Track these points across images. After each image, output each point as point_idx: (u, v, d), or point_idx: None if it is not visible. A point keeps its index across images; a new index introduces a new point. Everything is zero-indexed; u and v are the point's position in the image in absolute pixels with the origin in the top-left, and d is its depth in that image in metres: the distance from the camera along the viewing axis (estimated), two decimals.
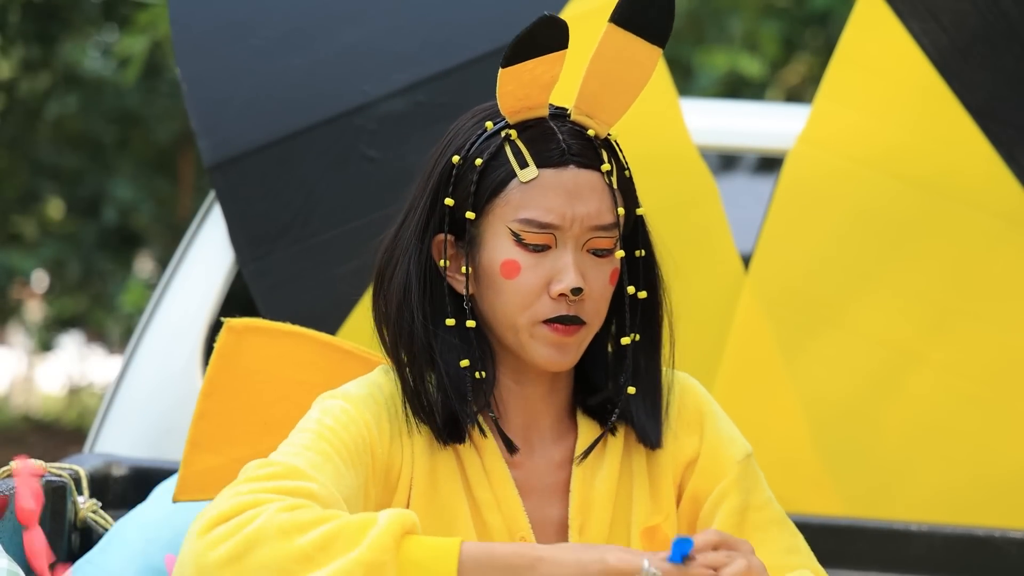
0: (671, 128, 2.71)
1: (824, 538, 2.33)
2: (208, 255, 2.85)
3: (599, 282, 1.74)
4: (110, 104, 8.97)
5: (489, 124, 1.77)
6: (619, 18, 1.74)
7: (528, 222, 1.72)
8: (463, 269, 1.76)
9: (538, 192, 1.72)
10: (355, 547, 1.57)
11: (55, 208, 10.35)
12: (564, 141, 1.74)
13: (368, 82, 2.71)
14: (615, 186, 1.76)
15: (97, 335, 14.10)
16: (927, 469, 2.63)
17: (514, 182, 1.73)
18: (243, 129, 2.73)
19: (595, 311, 1.75)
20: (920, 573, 2.33)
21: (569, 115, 1.77)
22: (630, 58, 1.75)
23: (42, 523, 2.04)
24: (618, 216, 1.75)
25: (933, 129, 2.65)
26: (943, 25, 2.63)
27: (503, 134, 1.75)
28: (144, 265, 11.67)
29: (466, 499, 1.76)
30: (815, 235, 2.70)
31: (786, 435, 2.65)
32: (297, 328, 2.19)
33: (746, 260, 2.72)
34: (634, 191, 1.81)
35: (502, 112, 1.76)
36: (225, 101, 2.74)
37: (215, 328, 2.82)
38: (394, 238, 1.81)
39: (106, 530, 2.15)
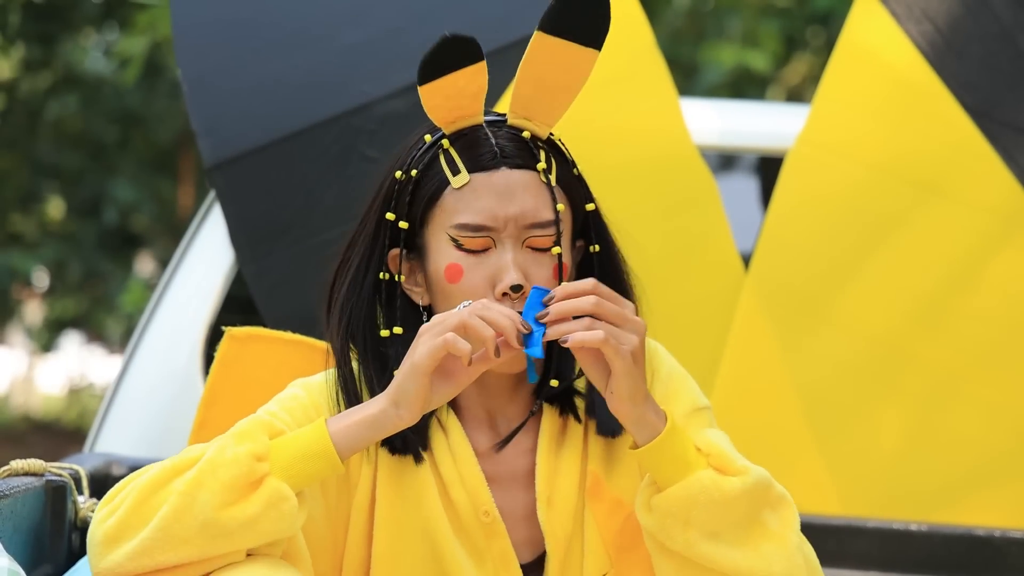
0: (671, 128, 2.71)
1: (824, 538, 2.33)
2: (208, 255, 2.85)
3: (541, 277, 1.77)
4: (110, 104, 8.97)
5: (428, 137, 1.82)
6: (547, 26, 1.77)
7: (463, 227, 1.76)
8: (420, 281, 1.81)
9: (470, 196, 1.77)
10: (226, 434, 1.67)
11: (55, 208, 10.35)
12: (496, 144, 1.79)
13: (368, 82, 2.72)
14: (553, 183, 1.79)
15: (97, 335, 14.10)
16: (927, 469, 2.63)
17: (448, 189, 1.78)
18: (243, 129, 2.73)
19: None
20: (920, 573, 2.33)
21: (506, 120, 1.81)
22: (563, 62, 1.78)
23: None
24: (556, 213, 1.77)
25: (932, 129, 2.65)
26: (938, 27, 2.64)
27: (438, 144, 1.80)
28: (144, 265, 11.67)
29: (433, 477, 1.80)
30: (815, 235, 2.70)
31: (786, 435, 2.65)
32: (298, 336, 2.19)
33: (746, 260, 2.73)
34: (583, 187, 1.84)
35: (437, 124, 1.82)
36: (225, 101, 2.74)
37: (215, 328, 2.82)
38: (343, 257, 1.85)
39: None
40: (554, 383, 1.80)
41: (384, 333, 1.81)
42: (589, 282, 1.68)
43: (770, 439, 2.65)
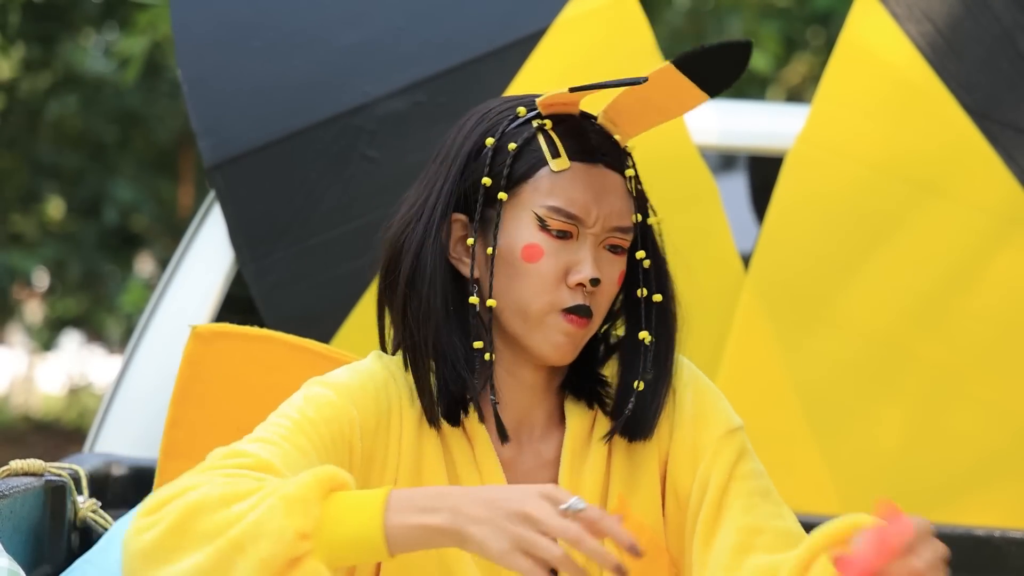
0: (671, 128, 2.71)
1: None
2: (208, 255, 2.85)
3: (610, 279, 1.77)
4: (110, 104, 8.97)
5: (522, 110, 1.79)
6: (683, 65, 1.71)
7: (555, 209, 1.74)
8: (473, 250, 1.76)
9: (567, 183, 1.75)
10: (280, 488, 1.54)
11: (56, 208, 10.35)
12: (595, 139, 1.77)
13: (368, 82, 2.71)
14: (634, 192, 1.79)
15: (97, 335, 14.10)
16: (927, 468, 2.63)
17: (545, 170, 1.75)
18: (243, 129, 2.73)
19: (602, 307, 1.78)
20: None
21: (595, 119, 1.79)
22: (676, 94, 1.75)
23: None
24: (636, 221, 1.79)
25: (932, 129, 2.65)
26: (938, 27, 2.64)
27: (536, 124, 1.77)
28: (144, 265, 11.67)
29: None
30: (815, 235, 2.70)
31: (786, 434, 2.65)
32: (266, 331, 2.18)
33: (746, 260, 2.73)
34: (647, 201, 1.84)
35: (538, 104, 1.77)
36: (225, 101, 2.74)
37: None
38: (409, 219, 1.80)
39: (106, 530, 2.15)
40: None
41: (473, 300, 1.74)
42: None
43: (770, 439, 2.65)
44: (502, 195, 1.75)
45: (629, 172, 1.79)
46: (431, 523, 1.53)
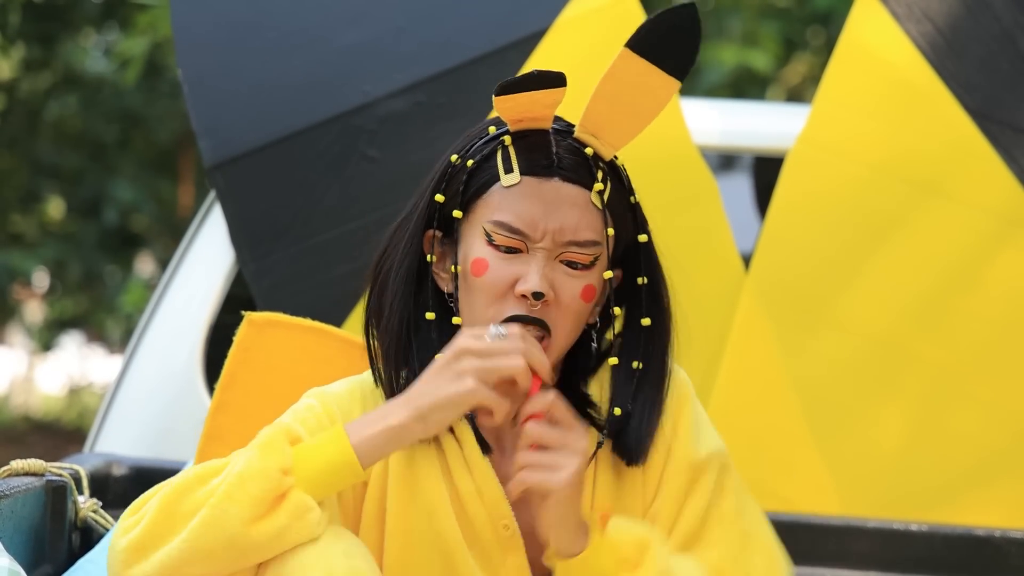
0: (671, 128, 2.71)
1: (824, 538, 2.33)
2: (208, 255, 2.85)
3: (569, 293, 1.74)
4: (110, 104, 8.97)
5: (492, 129, 1.79)
6: (637, 45, 1.72)
7: (499, 224, 1.73)
8: (449, 267, 1.78)
9: (516, 198, 1.74)
10: (250, 444, 1.67)
11: (56, 208, 10.35)
12: (556, 154, 1.75)
13: (368, 82, 2.72)
14: (604, 206, 1.76)
15: (97, 335, 14.10)
16: (927, 468, 2.63)
17: (496, 185, 1.75)
18: (244, 129, 2.73)
19: (562, 321, 1.75)
20: (920, 573, 2.33)
21: (573, 132, 1.77)
22: (643, 85, 1.73)
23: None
24: (606, 236, 1.75)
25: (932, 129, 2.65)
26: (938, 27, 2.64)
27: (500, 139, 1.77)
28: (144, 265, 11.67)
29: (447, 490, 1.78)
30: (815, 235, 2.70)
31: (786, 435, 2.65)
32: (317, 324, 2.20)
33: (746, 260, 2.73)
34: (637, 217, 1.81)
35: (504, 120, 1.77)
36: (226, 101, 2.74)
37: (215, 328, 2.82)
38: (393, 234, 1.83)
39: (106, 530, 2.15)
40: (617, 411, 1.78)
41: (430, 316, 1.77)
42: (549, 396, 1.69)
43: (770, 439, 2.65)
44: (456, 213, 1.76)
45: (597, 186, 1.75)
46: (391, 423, 1.66)
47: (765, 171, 3.09)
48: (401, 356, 1.78)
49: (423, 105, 2.70)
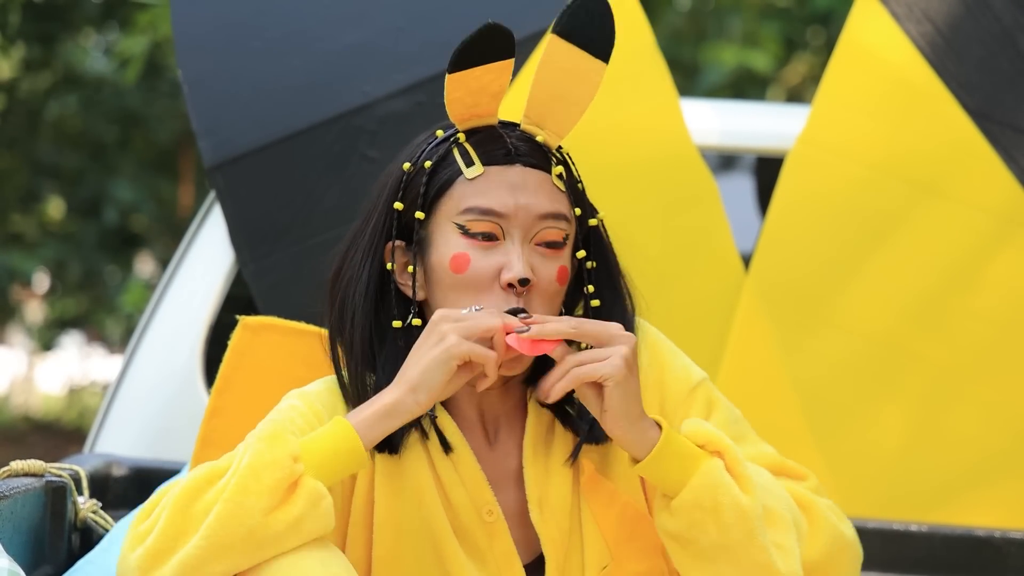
0: (671, 128, 2.71)
1: None
2: (208, 255, 2.85)
3: (547, 276, 1.77)
4: (110, 104, 8.97)
5: (440, 132, 1.82)
6: (560, 29, 1.79)
7: (471, 210, 1.75)
8: (409, 268, 1.80)
9: (483, 186, 1.76)
10: (254, 438, 1.68)
11: (56, 208, 10.35)
12: (512, 143, 1.79)
13: (368, 82, 2.72)
14: (565, 189, 1.79)
15: (97, 335, 14.11)
16: (926, 468, 2.63)
17: (460, 179, 1.77)
18: (243, 129, 2.73)
19: (540, 305, 1.76)
20: (920, 573, 2.33)
21: (519, 125, 1.81)
22: (574, 70, 1.79)
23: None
24: (572, 212, 1.79)
25: (932, 129, 2.65)
26: (938, 27, 2.64)
27: (452, 138, 1.80)
28: (144, 265, 11.67)
29: (432, 478, 1.80)
30: (815, 235, 2.70)
31: (786, 435, 2.65)
32: (312, 327, 2.20)
33: (746, 260, 2.73)
34: (587, 202, 1.84)
35: (452, 119, 1.80)
36: (226, 101, 2.74)
37: (215, 328, 2.82)
38: (347, 250, 1.84)
39: (106, 530, 2.15)
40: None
41: (396, 324, 1.79)
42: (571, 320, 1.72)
43: (770, 439, 2.64)
44: (419, 214, 1.77)
45: (557, 169, 1.79)
46: (385, 401, 1.68)
47: (765, 171, 3.09)
48: (367, 366, 1.80)
49: (423, 105, 2.70)
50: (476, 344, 1.67)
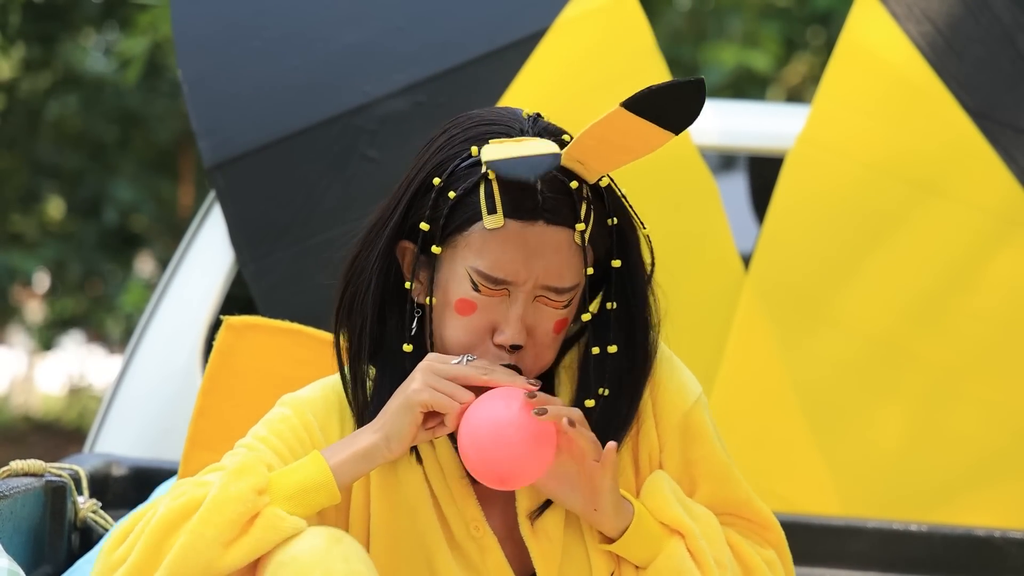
0: None
1: (824, 538, 2.33)
2: (208, 255, 2.85)
3: (543, 329, 1.74)
4: (110, 104, 8.97)
5: (475, 149, 1.74)
6: (634, 108, 1.66)
7: (484, 276, 1.71)
8: (423, 278, 1.77)
9: (499, 243, 1.71)
10: (225, 469, 1.69)
11: (56, 208, 10.35)
12: (541, 193, 1.71)
13: (368, 82, 2.71)
14: (586, 243, 1.73)
15: (97, 335, 14.10)
16: (926, 468, 2.63)
17: (478, 225, 1.72)
18: (243, 129, 2.73)
19: (535, 359, 1.75)
20: (920, 573, 2.33)
21: (559, 155, 1.71)
22: (636, 134, 1.69)
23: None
24: (584, 275, 1.74)
25: (932, 129, 2.65)
26: (938, 28, 2.64)
27: (483, 170, 1.72)
28: (144, 265, 11.67)
29: (427, 492, 1.80)
30: (815, 235, 2.70)
31: (786, 435, 2.65)
32: (296, 326, 2.19)
33: (746, 260, 2.73)
34: (618, 241, 1.78)
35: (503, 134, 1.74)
36: (226, 101, 2.74)
37: (215, 328, 2.82)
38: (364, 237, 1.81)
39: (106, 530, 2.15)
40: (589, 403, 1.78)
41: (403, 347, 1.78)
42: (576, 413, 1.70)
43: (770, 439, 2.65)
44: (436, 249, 1.73)
45: (580, 227, 1.72)
46: (359, 446, 1.70)
47: (763, 171, 3.09)
48: (366, 355, 1.79)
49: (423, 105, 2.70)
50: (438, 394, 1.67)
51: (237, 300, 2.83)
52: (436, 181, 1.74)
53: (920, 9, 2.65)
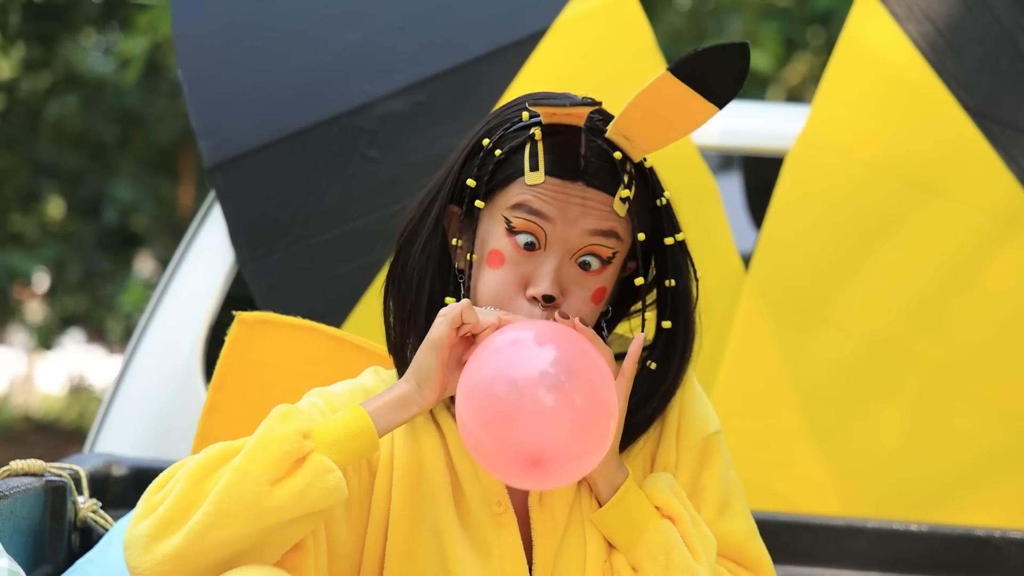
0: None
1: (824, 538, 2.33)
2: (208, 255, 2.85)
3: (579, 297, 1.75)
4: (110, 104, 8.97)
5: (525, 115, 1.77)
6: (679, 72, 1.67)
7: (520, 207, 1.73)
8: (464, 245, 1.79)
9: (537, 194, 1.73)
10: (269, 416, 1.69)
11: (55, 208, 10.35)
12: (585, 156, 1.73)
13: (368, 82, 2.72)
14: (630, 212, 1.75)
15: (97, 335, 14.10)
16: (926, 468, 2.63)
17: (519, 180, 1.74)
18: (243, 129, 2.73)
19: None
20: (920, 573, 2.33)
21: (605, 131, 1.74)
22: (681, 105, 1.69)
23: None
24: (631, 235, 1.76)
25: (932, 129, 2.66)
26: (938, 27, 2.64)
27: (531, 131, 1.75)
28: (144, 265, 11.67)
29: (447, 472, 1.81)
30: (815, 235, 2.70)
31: (786, 435, 2.65)
32: (308, 322, 2.20)
33: (746, 260, 2.73)
34: (667, 220, 1.81)
35: (540, 113, 1.75)
36: (226, 101, 2.74)
37: (215, 328, 2.82)
38: (420, 203, 1.83)
39: (106, 530, 2.15)
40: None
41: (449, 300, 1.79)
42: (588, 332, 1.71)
43: (770, 439, 2.65)
44: (479, 203, 1.76)
45: (623, 193, 1.74)
46: (397, 395, 1.70)
47: (763, 171, 3.09)
48: (412, 323, 1.80)
49: (423, 105, 2.70)
50: (458, 318, 1.68)
51: (237, 300, 2.83)
52: (486, 142, 1.76)
53: (920, 9, 2.65)
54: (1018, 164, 2.62)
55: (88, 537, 2.17)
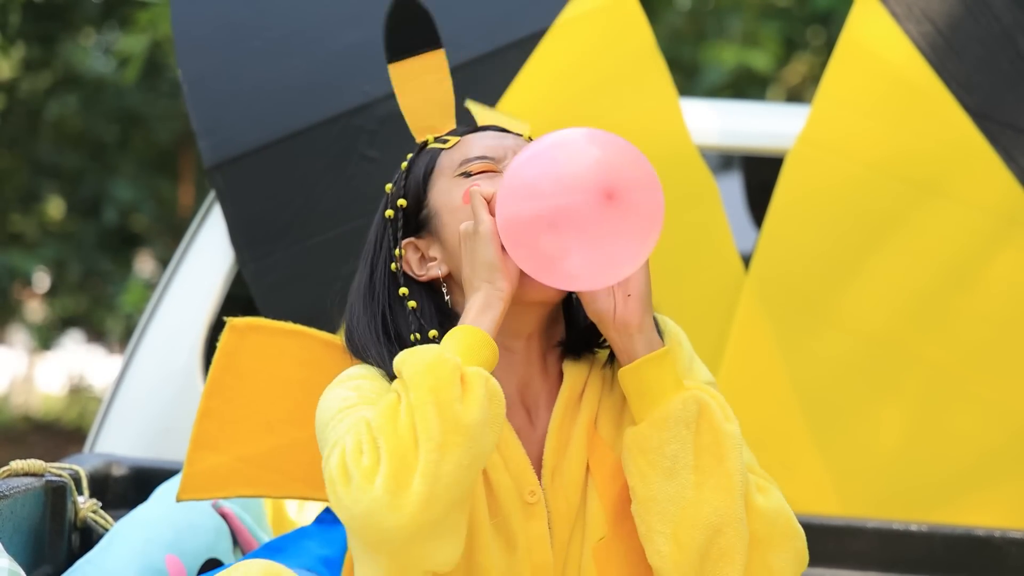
0: (671, 128, 2.71)
1: (824, 538, 2.33)
2: (208, 255, 2.85)
3: None
4: (110, 104, 8.97)
5: (404, 164, 1.91)
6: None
7: (466, 160, 1.85)
8: (431, 257, 1.86)
9: (466, 145, 1.87)
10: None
11: (55, 208, 10.35)
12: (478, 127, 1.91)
13: (368, 82, 2.72)
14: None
15: (97, 335, 14.10)
16: (926, 468, 2.63)
17: (443, 154, 1.87)
18: (243, 129, 2.73)
19: None
20: (920, 573, 2.33)
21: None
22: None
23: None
24: None
25: (932, 129, 2.66)
26: (938, 28, 2.64)
27: (422, 145, 1.92)
28: (144, 265, 11.67)
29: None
30: (815, 235, 2.70)
31: (786, 435, 2.65)
32: (299, 327, 2.19)
33: (746, 260, 2.73)
34: None
35: (415, 133, 1.92)
36: (226, 101, 2.74)
37: (215, 328, 2.82)
38: (365, 277, 1.90)
39: (106, 530, 2.15)
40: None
41: (412, 304, 1.84)
42: None
43: (770, 439, 2.65)
44: (423, 196, 1.87)
45: (527, 133, 1.91)
46: (477, 305, 1.74)
47: (763, 171, 3.09)
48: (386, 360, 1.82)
49: None
50: (488, 214, 1.76)
51: (237, 300, 2.83)
52: (388, 187, 1.91)
53: (920, 9, 2.65)
54: (1018, 164, 2.63)
55: (88, 537, 2.17)
